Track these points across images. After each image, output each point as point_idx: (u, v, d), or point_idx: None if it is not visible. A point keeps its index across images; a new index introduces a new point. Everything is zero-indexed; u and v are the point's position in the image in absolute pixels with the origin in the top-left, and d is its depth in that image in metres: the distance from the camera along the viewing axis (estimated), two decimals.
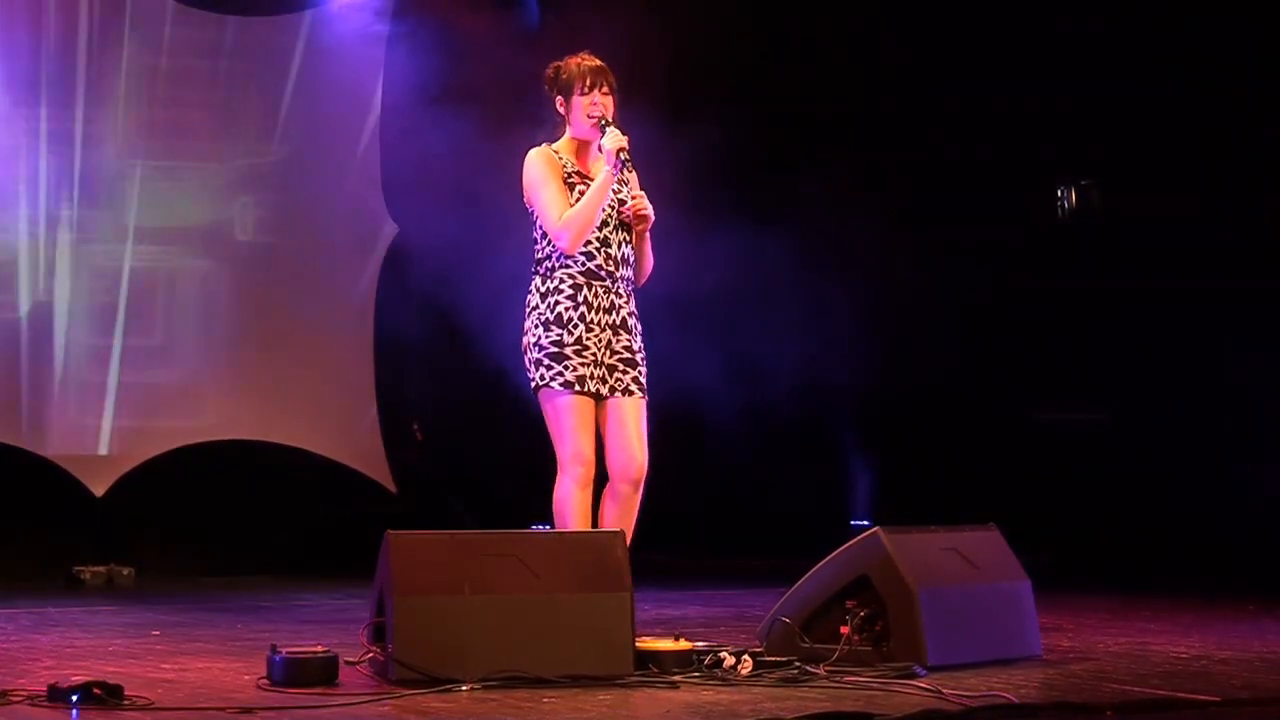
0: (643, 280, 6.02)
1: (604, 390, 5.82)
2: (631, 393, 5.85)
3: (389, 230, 9.94)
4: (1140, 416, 9.89)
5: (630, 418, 5.85)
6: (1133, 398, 9.97)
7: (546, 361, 5.80)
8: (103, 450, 9.33)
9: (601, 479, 5.91)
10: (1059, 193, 10.11)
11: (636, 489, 5.87)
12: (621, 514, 5.83)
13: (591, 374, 5.79)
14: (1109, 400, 10.06)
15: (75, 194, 9.28)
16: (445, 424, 9.99)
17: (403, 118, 9.88)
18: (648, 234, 5.95)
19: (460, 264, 9.39)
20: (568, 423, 5.79)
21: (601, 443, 5.89)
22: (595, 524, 5.84)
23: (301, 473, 9.71)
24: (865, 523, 9.40)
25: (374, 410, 9.92)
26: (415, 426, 10.05)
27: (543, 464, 5.93)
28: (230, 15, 9.60)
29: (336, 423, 9.86)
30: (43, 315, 9.24)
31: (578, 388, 5.76)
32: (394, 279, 9.92)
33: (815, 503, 9.69)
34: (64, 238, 9.25)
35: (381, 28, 9.89)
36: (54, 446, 9.23)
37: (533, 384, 5.86)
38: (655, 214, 5.89)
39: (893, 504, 9.19)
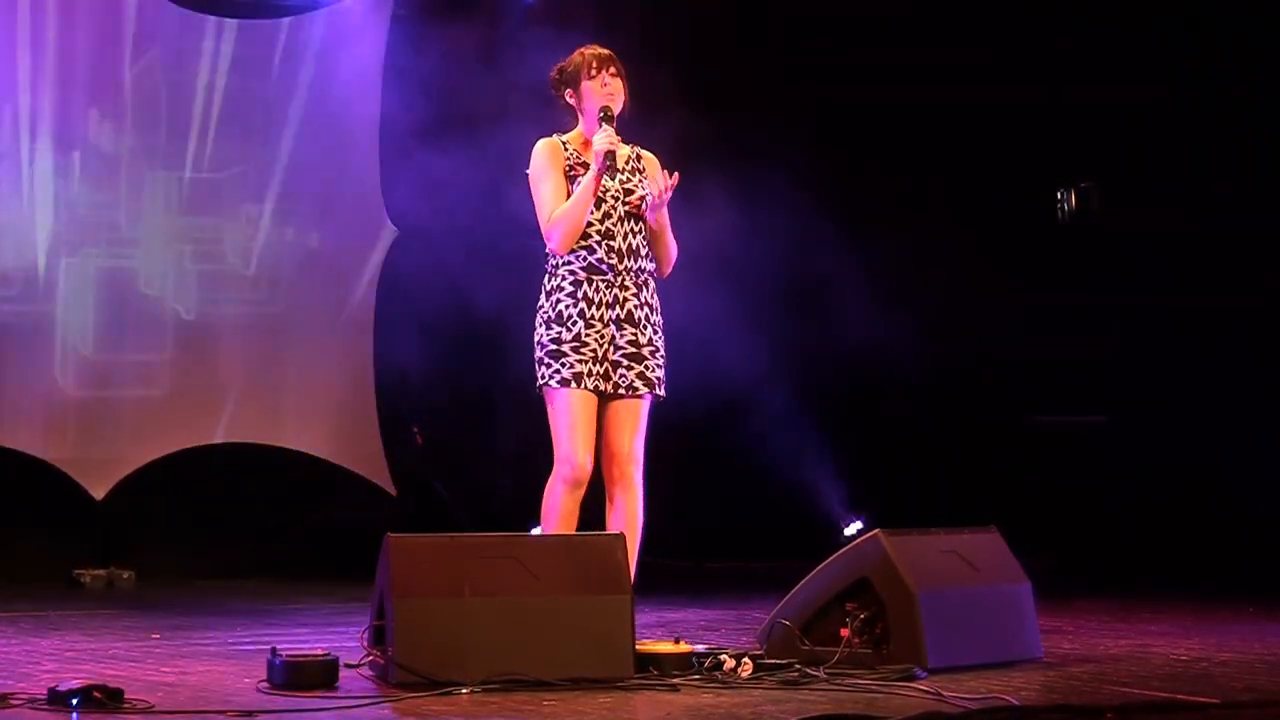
0: (666, 269, 5.91)
1: (606, 388, 5.75)
2: (635, 389, 5.78)
3: (389, 233, 9.94)
4: (1139, 418, 9.89)
5: (622, 416, 5.77)
6: (1132, 400, 9.97)
7: (547, 360, 5.75)
8: (103, 453, 9.32)
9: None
10: (1059, 195, 10.11)
11: (626, 490, 5.78)
12: (620, 521, 5.77)
13: (591, 371, 5.72)
14: (1108, 402, 10.07)
15: (74, 197, 9.28)
16: (446, 426, 9.98)
17: (403, 119, 9.87)
18: (667, 224, 5.86)
19: (460, 266, 9.39)
20: (562, 421, 5.72)
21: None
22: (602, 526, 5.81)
23: (302, 476, 9.70)
24: (865, 525, 9.40)
25: (374, 413, 9.90)
26: (415, 429, 10.05)
27: (543, 466, 5.91)
28: (229, 18, 9.59)
29: (337, 426, 9.85)
30: (43, 317, 9.23)
31: (574, 385, 5.71)
32: (394, 281, 9.91)
33: (815, 505, 9.69)
34: (64, 240, 9.24)
35: (382, 29, 9.89)
36: (54, 449, 9.22)
37: (538, 384, 5.82)
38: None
39: (893, 506, 9.18)
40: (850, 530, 5.34)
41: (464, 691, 4.80)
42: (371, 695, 4.80)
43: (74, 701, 4.48)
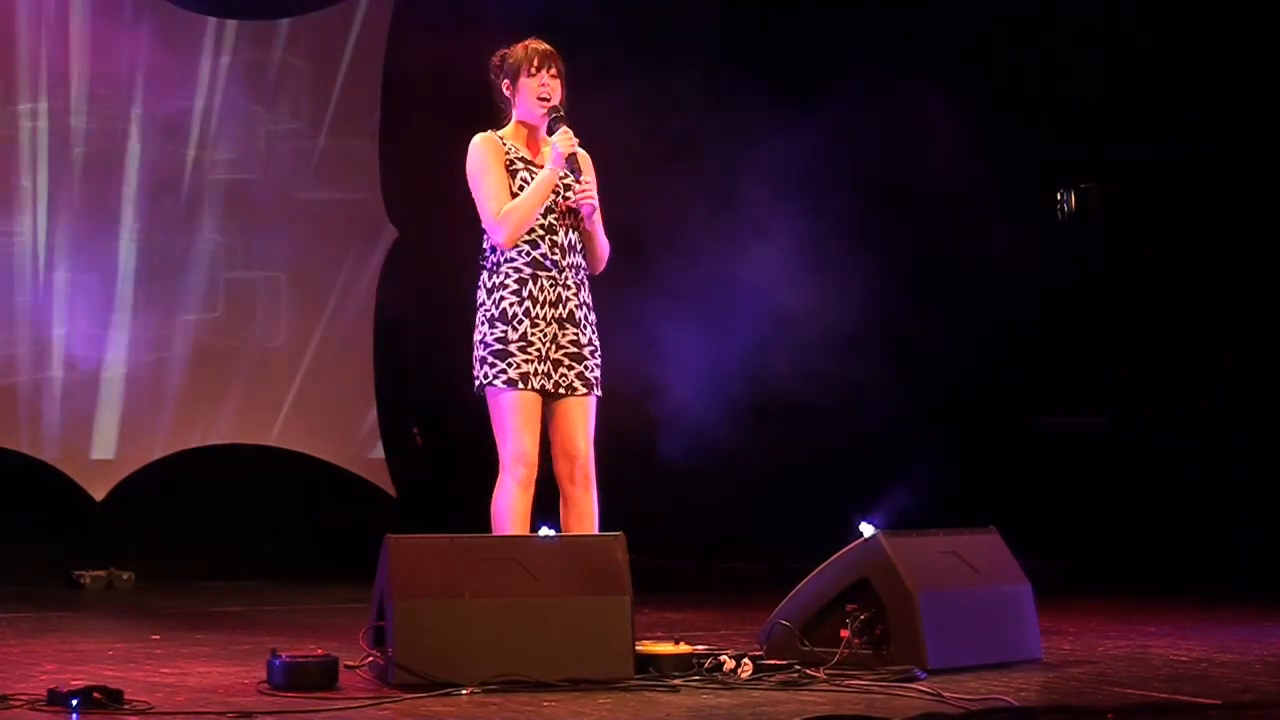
0: (599, 268, 5.87)
1: (549, 387, 5.72)
2: (576, 389, 5.75)
3: (388, 234, 9.94)
4: (1139, 419, 9.88)
5: (573, 417, 5.75)
6: (1131, 401, 9.96)
7: (491, 359, 5.70)
8: (102, 454, 9.33)
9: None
10: (1059, 195, 10.10)
11: (585, 490, 5.76)
12: (577, 520, 5.77)
13: (536, 370, 5.69)
14: (1107, 404, 10.06)
15: (74, 199, 9.28)
16: (445, 428, 9.98)
17: (403, 120, 9.87)
18: (597, 225, 5.82)
19: (460, 267, 9.37)
20: (510, 421, 5.68)
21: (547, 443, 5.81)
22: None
23: (301, 477, 9.70)
24: (867, 527, 9.38)
25: (374, 414, 9.91)
26: (415, 430, 10.05)
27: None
28: (229, 19, 9.59)
29: (336, 427, 9.86)
30: (42, 319, 9.23)
31: (521, 385, 5.67)
32: (394, 282, 9.92)
33: (815, 506, 9.67)
34: (64, 241, 9.25)
35: (382, 29, 9.90)
36: (54, 450, 9.23)
37: (477, 384, 5.77)
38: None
39: (892, 507, 9.17)
40: (867, 531, 5.35)
41: (464, 692, 4.80)
42: (371, 696, 4.80)
43: (74, 702, 4.48)
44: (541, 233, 5.74)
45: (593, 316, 5.84)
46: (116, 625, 7.01)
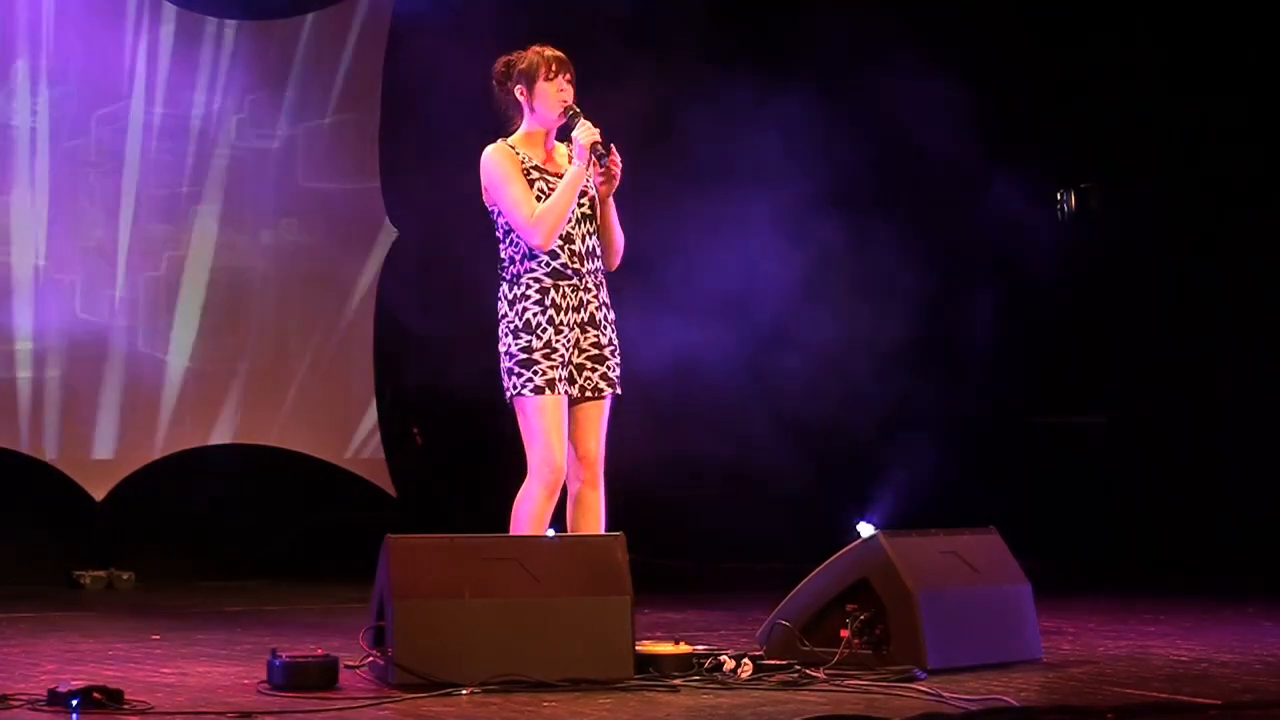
0: (616, 261, 5.88)
1: (574, 392, 5.75)
2: (599, 389, 5.77)
3: (388, 234, 9.94)
4: (1139, 419, 9.89)
5: (590, 419, 5.77)
6: (1131, 401, 9.96)
7: (518, 369, 5.71)
8: (103, 454, 9.33)
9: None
10: (1059, 196, 10.11)
11: (593, 489, 5.78)
12: (583, 518, 5.78)
13: (561, 376, 5.71)
14: (1107, 403, 10.06)
15: (75, 197, 9.28)
16: (446, 428, 9.98)
17: (403, 120, 9.87)
18: (614, 210, 5.80)
19: (460, 267, 9.39)
20: (538, 426, 5.69)
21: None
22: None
23: (301, 477, 9.70)
24: (865, 526, 9.38)
25: (374, 414, 9.91)
26: (415, 430, 10.05)
27: None
28: (230, 19, 9.59)
29: (336, 427, 9.86)
30: (42, 319, 9.23)
31: (548, 390, 5.69)
32: (394, 283, 9.91)
33: (815, 506, 9.68)
34: (63, 240, 9.24)
35: (382, 29, 9.89)
36: (54, 451, 9.23)
37: (508, 394, 5.78)
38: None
39: (892, 507, 9.18)
40: (866, 531, 5.37)
41: (464, 693, 4.80)
42: (371, 696, 4.80)
43: (74, 702, 4.48)
44: (560, 241, 5.74)
45: (612, 315, 5.86)
46: (116, 625, 7.00)
